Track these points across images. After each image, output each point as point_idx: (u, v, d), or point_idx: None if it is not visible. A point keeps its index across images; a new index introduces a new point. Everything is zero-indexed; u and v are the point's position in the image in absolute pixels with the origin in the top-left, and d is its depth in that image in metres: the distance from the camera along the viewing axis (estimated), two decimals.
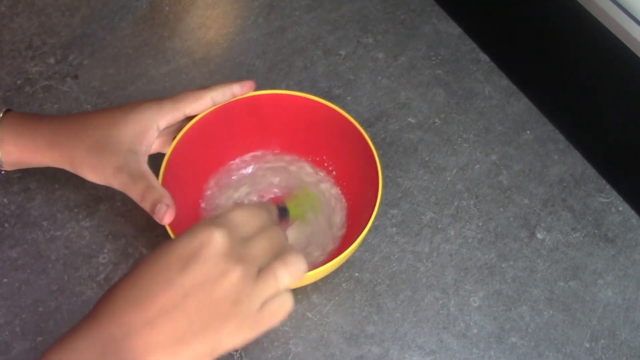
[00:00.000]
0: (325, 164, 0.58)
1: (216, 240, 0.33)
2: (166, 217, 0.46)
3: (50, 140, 0.48)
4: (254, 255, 0.34)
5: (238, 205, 0.38)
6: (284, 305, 0.35)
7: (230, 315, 0.33)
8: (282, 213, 0.48)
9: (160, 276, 0.32)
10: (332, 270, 0.49)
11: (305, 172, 0.59)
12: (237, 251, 0.34)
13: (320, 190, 0.58)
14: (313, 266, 0.54)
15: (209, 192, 0.57)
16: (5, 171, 0.51)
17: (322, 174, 0.58)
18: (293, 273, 0.35)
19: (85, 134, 0.48)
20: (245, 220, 0.36)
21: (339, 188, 0.58)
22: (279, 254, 0.36)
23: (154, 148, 0.52)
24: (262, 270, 0.34)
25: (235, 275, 0.33)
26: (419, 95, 0.67)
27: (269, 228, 0.37)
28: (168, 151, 0.50)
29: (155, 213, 0.46)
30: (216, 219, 0.35)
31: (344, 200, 0.57)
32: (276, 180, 0.58)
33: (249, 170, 0.59)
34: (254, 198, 0.58)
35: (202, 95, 0.51)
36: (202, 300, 0.32)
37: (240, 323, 0.33)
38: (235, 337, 0.33)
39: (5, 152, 0.48)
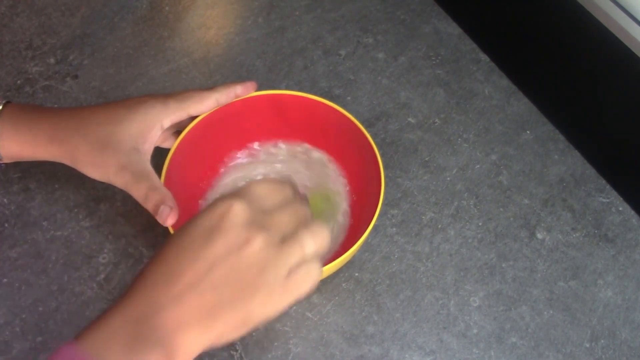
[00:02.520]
0: (329, 165, 0.58)
1: (236, 210, 0.33)
2: (169, 218, 0.46)
3: (50, 135, 0.48)
4: (276, 224, 0.34)
5: (260, 179, 0.38)
6: (312, 273, 0.35)
7: (257, 284, 0.33)
8: None
9: (185, 252, 0.33)
10: (333, 271, 0.49)
11: (309, 171, 0.59)
12: (258, 220, 0.34)
13: (324, 189, 0.58)
14: None
15: (211, 192, 0.57)
16: (5, 164, 0.50)
17: (326, 174, 0.58)
18: (318, 240, 0.35)
19: (88, 130, 0.47)
20: (267, 193, 0.36)
21: (342, 187, 0.58)
22: (306, 223, 0.35)
23: None
24: (286, 238, 0.34)
25: (258, 242, 0.33)
26: (419, 95, 0.67)
27: (293, 200, 0.37)
28: (170, 151, 0.50)
29: (158, 214, 0.46)
30: (236, 192, 0.35)
31: (347, 201, 0.57)
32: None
33: (252, 170, 0.59)
34: None
35: (207, 97, 0.51)
36: (228, 271, 0.32)
37: (269, 291, 0.33)
38: (266, 306, 0.33)
39: (5, 146, 0.48)
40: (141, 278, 0.33)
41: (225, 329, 0.33)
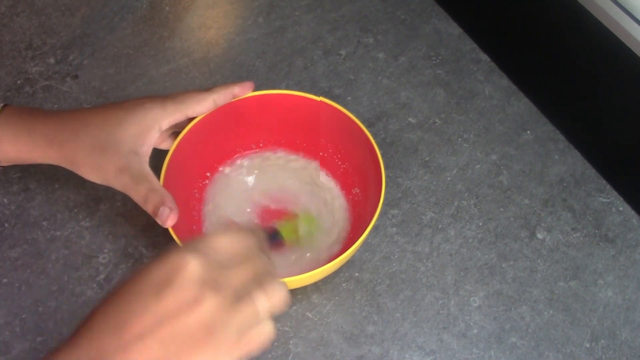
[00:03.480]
0: (328, 164, 0.58)
1: (190, 266, 0.33)
2: (169, 220, 0.46)
3: (49, 139, 0.48)
4: (231, 282, 0.34)
5: (224, 228, 0.37)
6: (263, 333, 0.34)
7: (204, 343, 0.32)
8: (274, 237, 0.48)
9: (135, 302, 0.32)
10: (332, 270, 0.49)
11: (309, 171, 0.59)
12: (213, 278, 0.33)
13: (323, 188, 0.58)
14: (317, 265, 0.54)
15: (210, 193, 0.57)
16: (3, 167, 0.50)
17: (325, 173, 0.58)
18: (273, 301, 0.35)
19: (86, 133, 0.47)
20: (227, 246, 0.35)
21: (342, 187, 0.58)
22: (262, 281, 0.35)
23: None
24: (240, 296, 0.34)
25: (209, 302, 0.32)
26: (419, 95, 0.67)
27: (253, 255, 0.36)
28: (169, 152, 0.50)
29: (158, 216, 0.46)
30: (195, 244, 0.34)
31: (348, 200, 0.57)
32: (279, 180, 0.58)
33: (251, 170, 0.59)
34: (257, 198, 0.58)
35: (205, 98, 0.51)
36: (176, 327, 0.32)
37: (215, 350, 0.32)
38: None
39: (3, 150, 0.48)
40: (90, 322, 0.33)
41: None
